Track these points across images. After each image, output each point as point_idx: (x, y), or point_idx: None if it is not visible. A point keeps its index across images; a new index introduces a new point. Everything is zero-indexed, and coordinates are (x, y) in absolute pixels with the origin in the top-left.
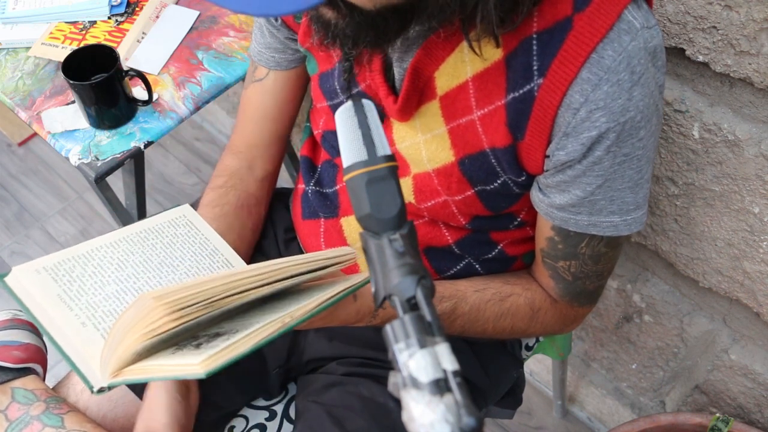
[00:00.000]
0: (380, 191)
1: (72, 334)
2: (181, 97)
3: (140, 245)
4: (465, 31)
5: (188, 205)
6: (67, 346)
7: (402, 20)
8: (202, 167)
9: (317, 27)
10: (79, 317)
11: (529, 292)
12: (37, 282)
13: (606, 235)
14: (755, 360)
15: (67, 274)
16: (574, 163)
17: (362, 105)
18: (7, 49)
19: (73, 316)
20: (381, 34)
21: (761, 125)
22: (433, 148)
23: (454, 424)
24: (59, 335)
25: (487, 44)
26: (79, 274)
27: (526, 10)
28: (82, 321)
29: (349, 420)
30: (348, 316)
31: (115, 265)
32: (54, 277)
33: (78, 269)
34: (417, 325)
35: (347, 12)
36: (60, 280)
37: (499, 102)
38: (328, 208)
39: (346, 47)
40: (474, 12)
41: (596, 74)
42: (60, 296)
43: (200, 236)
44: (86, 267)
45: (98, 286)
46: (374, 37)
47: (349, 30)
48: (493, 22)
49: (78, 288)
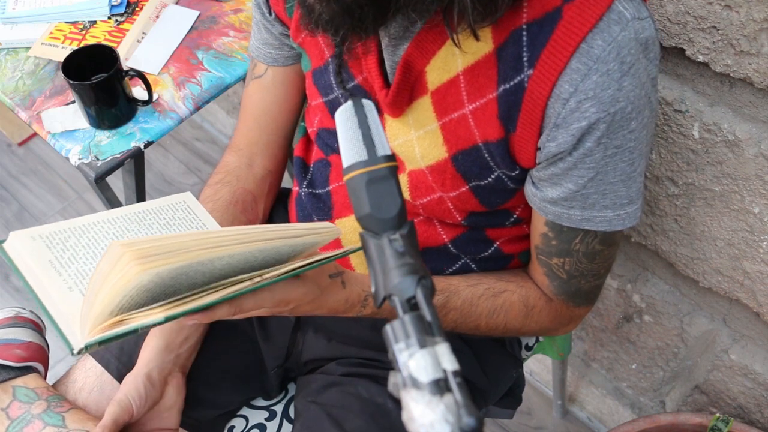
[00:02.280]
0: (380, 191)
1: (58, 298)
2: (181, 97)
3: (137, 224)
4: (447, 24)
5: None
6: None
7: (378, 9)
8: (202, 167)
9: (302, 11)
10: (66, 282)
11: (523, 289)
12: (31, 247)
13: (600, 231)
14: (755, 360)
15: (61, 243)
16: (565, 154)
17: (362, 105)
18: (7, 49)
19: (61, 281)
20: (357, 22)
21: (761, 125)
22: (426, 144)
23: (454, 424)
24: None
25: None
26: (73, 244)
27: (506, 4)
28: (69, 286)
29: (347, 420)
30: (337, 303)
31: (110, 238)
32: (48, 245)
33: (72, 240)
34: (417, 325)
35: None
36: (54, 247)
37: (491, 95)
38: (321, 211)
39: (329, 33)
40: (451, 5)
41: (585, 64)
42: (51, 262)
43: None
44: (81, 238)
45: (90, 256)
46: (351, 24)
47: (327, 15)
48: (469, 15)
49: (70, 256)
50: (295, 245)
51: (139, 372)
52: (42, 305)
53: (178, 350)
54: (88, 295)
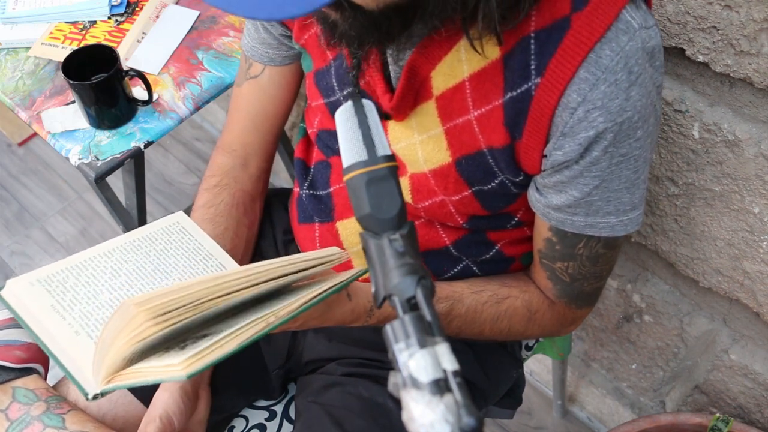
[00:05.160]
0: (380, 191)
1: (66, 344)
2: (181, 97)
3: (133, 253)
4: (465, 29)
5: (182, 212)
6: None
7: (404, 19)
8: (202, 167)
9: (323, 27)
10: (72, 326)
11: (526, 294)
12: (31, 294)
13: (603, 236)
14: (755, 360)
15: (61, 285)
16: (572, 163)
17: (362, 105)
18: (7, 49)
19: (66, 326)
20: (385, 34)
21: (761, 125)
22: (430, 148)
23: (454, 424)
24: (53, 345)
25: (486, 43)
26: (73, 284)
27: (528, 7)
28: (75, 330)
29: (348, 420)
30: (343, 315)
31: (109, 273)
32: (47, 289)
33: (71, 279)
34: (417, 325)
35: (351, 13)
36: (53, 291)
37: (497, 102)
38: (322, 212)
39: (352, 47)
40: (476, 10)
41: (594, 74)
42: (53, 306)
43: (194, 242)
44: (79, 277)
45: (91, 295)
46: (378, 36)
47: (354, 31)
48: (495, 19)
49: (71, 298)
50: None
51: (173, 387)
52: (50, 352)
53: None
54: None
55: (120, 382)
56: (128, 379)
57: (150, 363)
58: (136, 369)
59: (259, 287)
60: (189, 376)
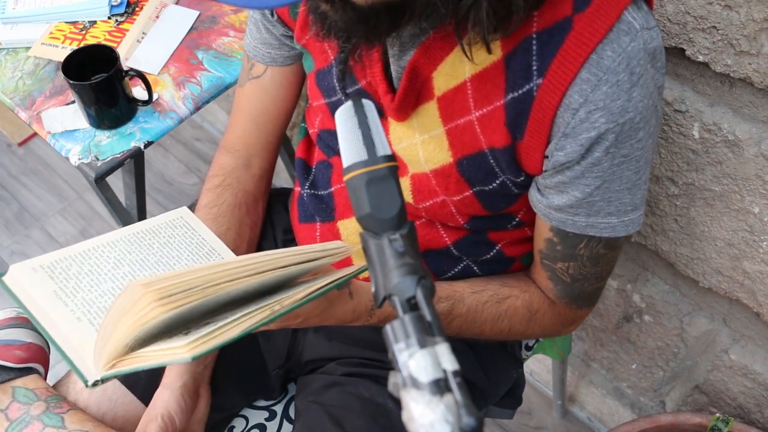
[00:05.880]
0: (380, 191)
1: (67, 330)
2: (181, 97)
3: (137, 245)
4: (458, 35)
5: (186, 208)
6: (62, 341)
7: (394, 17)
8: (202, 167)
9: (314, 18)
10: (74, 313)
11: (527, 294)
12: (33, 279)
13: (604, 237)
14: (755, 360)
15: (64, 272)
16: (573, 164)
17: (362, 104)
18: (7, 49)
19: (68, 312)
20: (372, 30)
21: (761, 125)
22: (431, 149)
23: (454, 424)
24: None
25: (481, 48)
26: (76, 272)
27: (521, 17)
28: (77, 316)
29: (348, 420)
30: (344, 314)
31: (112, 263)
32: (50, 275)
33: (75, 267)
34: (417, 325)
35: (340, 5)
36: (56, 277)
37: (498, 102)
38: (324, 212)
39: (341, 40)
40: (466, 17)
41: (595, 75)
42: (56, 293)
43: (197, 237)
44: (83, 265)
45: (94, 283)
46: (365, 31)
47: (342, 23)
48: (485, 28)
49: (74, 285)
50: (308, 268)
51: (175, 385)
52: (50, 338)
53: (205, 361)
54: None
55: (122, 367)
56: (130, 364)
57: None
58: (138, 354)
59: (263, 275)
60: (194, 358)
